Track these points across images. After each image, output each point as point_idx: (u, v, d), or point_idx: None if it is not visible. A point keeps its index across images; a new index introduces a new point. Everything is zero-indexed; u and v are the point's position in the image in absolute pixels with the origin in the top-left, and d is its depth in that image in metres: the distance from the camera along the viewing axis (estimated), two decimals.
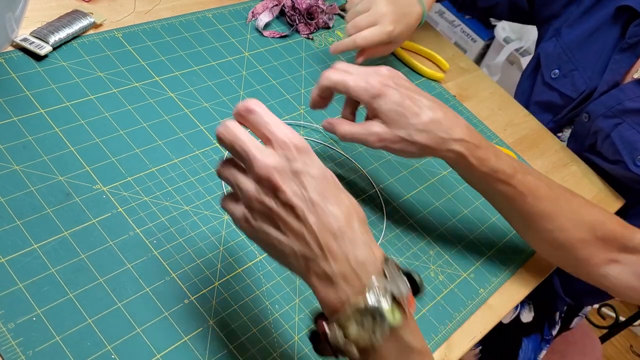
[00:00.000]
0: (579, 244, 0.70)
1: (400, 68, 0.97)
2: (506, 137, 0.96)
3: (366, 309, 0.42)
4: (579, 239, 0.70)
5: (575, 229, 0.70)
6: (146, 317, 0.54)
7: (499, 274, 0.74)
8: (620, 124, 0.94)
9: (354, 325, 0.42)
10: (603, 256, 0.70)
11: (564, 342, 1.14)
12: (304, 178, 0.44)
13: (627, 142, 0.93)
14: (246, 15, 0.89)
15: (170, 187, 0.64)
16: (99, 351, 0.50)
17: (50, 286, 0.52)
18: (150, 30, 0.79)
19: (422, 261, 0.71)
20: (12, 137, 0.60)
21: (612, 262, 0.71)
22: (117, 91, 0.70)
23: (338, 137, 0.67)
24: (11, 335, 0.48)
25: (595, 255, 0.70)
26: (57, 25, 0.70)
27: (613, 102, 0.95)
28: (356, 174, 0.77)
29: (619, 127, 0.94)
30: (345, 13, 1.00)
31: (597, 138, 0.97)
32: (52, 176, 0.59)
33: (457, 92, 1.00)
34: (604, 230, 0.70)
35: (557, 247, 0.71)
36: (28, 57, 0.68)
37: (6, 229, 0.54)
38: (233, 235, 0.64)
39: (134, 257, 0.57)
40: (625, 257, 0.71)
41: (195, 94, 0.75)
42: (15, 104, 0.63)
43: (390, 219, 0.74)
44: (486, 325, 0.69)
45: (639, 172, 0.91)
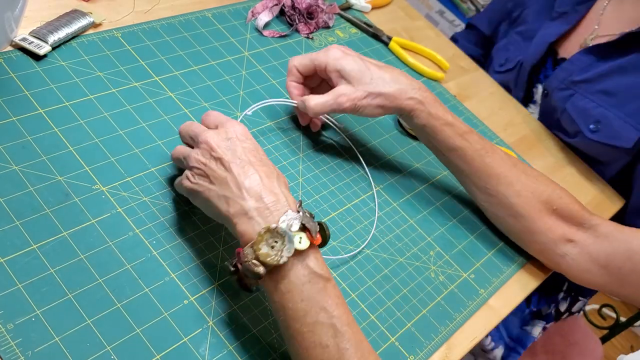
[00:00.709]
0: (536, 214, 0.71)
1: (400, 68, 0.97)
2: (506, 137, 0.96)
3: (276, 230, 0.50)
4: (535, 208, 0.71)
5: (532, 197, 0.71)
6: (146, 317, 0.54)
7: (500, 275, 0.74)
8: (573, 95, 0.97)
9: (264, 246, 0.50)
10: (560, 232, 0.71)
11: (565, 343, 1.13)
12: (236, 143, 0.55)
13: (580, 111, 0.96)
14: (246, 15, 0.89)
15: (169, 188, 0.64)
16: (99, 352, 0.50)
17: (49, 286, 0.52)
18: (149, 30, 0.79)
19: (422, 261, 0.71)
20: (11, 137, 0.60)
21: (570, 242, 0.71)
22: (116, 91, 0.70)
23: (309, 113, 0.71)
24: (10, 335, 0.48)
25: (552, 229, 0.71)
26: (56, 24, 0.70)
27: (565, 75, 0.98)
28: (356, 174, 0.77)
29: (572, 98, 0.97)
30: (345, 13, 1.00)
31: (557, 112, 0.99)
32: (51, 176, 0.59)
33: (457, 92, 0.99)
34: (561, 204, 0.72)
35: (514, 215, 0.72)
36: (27, 57, 0.68)
37: (5, 229, 0.54)
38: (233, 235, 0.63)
39: (133, 257, 0.57)
40: (583, 237, 0.71)
41: (194, 94, 0.75)
42: (14, 104, 0.63)
43: (390, 219, 0.74)
44: (487, 326, 0.69)
45: (595, 138, 0.94)
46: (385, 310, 0.65)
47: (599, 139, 0.93)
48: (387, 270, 0.68)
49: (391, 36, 1.00)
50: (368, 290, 0.66)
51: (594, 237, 0.71)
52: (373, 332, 0.62)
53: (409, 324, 0.65)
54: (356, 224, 0.71)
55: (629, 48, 0.90)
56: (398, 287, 0.67)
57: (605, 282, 0.70)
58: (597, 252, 0.70)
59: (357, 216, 0.72)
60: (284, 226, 0.51)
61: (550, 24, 1.01)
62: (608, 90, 0.93)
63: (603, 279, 0.70)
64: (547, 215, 0.72)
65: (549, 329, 1.12)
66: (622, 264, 0.68)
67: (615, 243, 0.69)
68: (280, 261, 0.50)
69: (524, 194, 0.72)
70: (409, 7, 1.12)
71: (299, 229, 0.51)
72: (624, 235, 0.70)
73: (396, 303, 0.66)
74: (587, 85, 0.95)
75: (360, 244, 0.69)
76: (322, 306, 0.50)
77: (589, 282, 0.72)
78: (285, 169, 0.72)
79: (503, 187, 0.72)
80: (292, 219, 0.51)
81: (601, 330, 1.39)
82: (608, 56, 0.93)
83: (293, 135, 0.77)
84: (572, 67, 0.97)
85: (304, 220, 0.52)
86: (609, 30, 0.95)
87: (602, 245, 0.70)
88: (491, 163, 0.72)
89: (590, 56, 0.95)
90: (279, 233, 0.50)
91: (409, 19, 1.09)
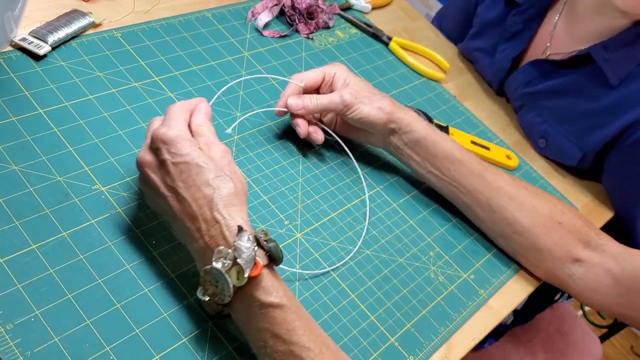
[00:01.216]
0: (540, 229, 0.70)
1: (400, 68, 0.97)
2: (506, 137, 0.96)
3: (211, 271, 0.50)
4: (539, 222, 0.70)
5: (535, 211, 0.70)
6: (145, 317, 0.54)
7: (500, 275, 0.74)
8: (522, 106, 0.98)
9: (210, 286, 0.51)
10: (566, 249, 0.70)
11: (564, 342, 1.13)
12: (167, 167, 0.53)
13: (528, 125, 0.97)
14: (246, 15, 0.89)
15: None
16: (98, 352, 0.50)
17: (48, 287, 0.52)
18: (149, 30, 0.79)
19: (422, 262, 0.71)
20: (11, 137, 0.60)
21: (577, 261, 0.70)
22: (116, 91, 0.70)
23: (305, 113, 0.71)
24: (9, 336, 0.48)
25: (559, 245, 0.70)
26: (56, 25, 0.70)
27: (514, 85, 0.98)
28: (356, 174, 0.77)
29: (521, 110, 0.98)
30: (345, 13, 1.00)
31: None
32: (51, 176, 0.59)
33: (457, 92, 0.99)
34: (565, 219, 0.71)
35: (519, 231, 0.71)
36: (27, 57, 0.68)
37: (5, 229, 0.54)
38: None
39: (133, 257, 0.57)
40: (590, 256, 0.70)
41: (195, 94, 0.75)
42: (14, 104, 0.63)
43: (390, 219, 0.74)
44: (486, 326, 0.69)
45: (544, 154, 0.95)
46: (385, 310, 0.65)
47: (548, 155, 0.95)
48: (387, 270, 0.68)
49: (391, 36, 1.00)
50: (368, 290, 0.66)
51: (601, 257, 0.69)
52: (373, 333, 0.62)
53: (408, 325, 0.65)
54: (356, 224, 0.71)
55: (574, 67, 0.89)
56: (398, 288, 0.67)
57: (612, 303, 0.69)
58: (604, 272, 0.69)
59: (357, 216, 0.72)
60: (217, 266, 0.50)
61: (504, 45, 0.99)
62: (551, 107, 0.93)
63: (611, 299, 0.69)
64: (553, 230, 0.70)
65: (548, 328, 1.12)
66: (631, 284, 0.67)
67: (623, 264, 0.68)
68: (225, 300, 0.50)
69: (526, 208, 0.71)
70: (409, 7, 1.12)
71: (232, 265, 0.49)
72: (632, 256, 0.69)
73: (396, 303, 0.66)
74: (533, 99, 0.95)
75: (360, 245, 0.69)
76: (277, 335, 0.50)
77: (596, 304, 0.71)
78: (285, 169, 0.73)
79: (504, 202, 0.71)
80: (224, 256, 0.50)
81: (600, 330, 1.39)
82: (553, 73, 0.92)
83: (293, 135, 0.77)
84: (520, 78, 0.97)
85: (236, 254, 0.49)
86: (560, 47, 0.93)
87: (610, 265, 0.69)
88: (490, 178, 0.71)
89: (537, 69, 0.94)
90: (214, 274, 0.50)
91: (409, 19, 1.09)
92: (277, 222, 0.67)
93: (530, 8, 0.96)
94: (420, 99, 0.93)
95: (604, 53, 0.85)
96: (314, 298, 0.62)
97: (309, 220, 0.69)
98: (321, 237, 0.68)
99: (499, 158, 0.89)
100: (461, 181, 0.72)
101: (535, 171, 0.92)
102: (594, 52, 0.86)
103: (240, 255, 0.49)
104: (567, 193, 0.91)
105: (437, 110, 0.93)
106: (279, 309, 0.50)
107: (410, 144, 0.73)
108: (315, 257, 0.66)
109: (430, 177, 0.74)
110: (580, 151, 0.89)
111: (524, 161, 0.92)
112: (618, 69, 0.84)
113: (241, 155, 0.71)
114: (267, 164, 0.72)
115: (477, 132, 0.93)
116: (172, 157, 0.53)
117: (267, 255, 0.51)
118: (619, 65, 0.84)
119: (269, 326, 0.50)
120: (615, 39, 0.85)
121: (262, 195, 0.68)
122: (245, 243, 0.50)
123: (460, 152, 0.72)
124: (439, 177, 0.73)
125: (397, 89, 0.93)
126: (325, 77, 0.74)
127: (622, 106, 0.84)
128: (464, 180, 0.72)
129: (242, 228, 0.51)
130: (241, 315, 0.52)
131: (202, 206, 0.52)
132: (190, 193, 0.52)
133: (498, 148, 0.91)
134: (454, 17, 1.15)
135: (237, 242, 0.50)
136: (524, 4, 0.96)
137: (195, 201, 0.52)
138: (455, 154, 0.72)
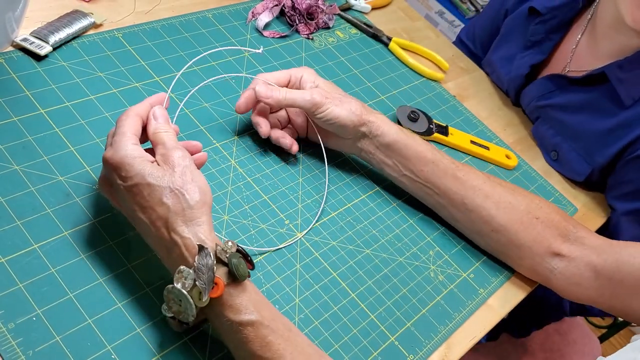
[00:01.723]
0: (518, 225, 0.70)
1: (400, 68, 0.97)
2: (506, 137, 0.96)
3: (173, 291, 0.50)
4: (516, 219, 0.70)
5: (512, 208, 0.70)
6: (146, 317, 0.54)
7: (499, 275, 0.74)
8: (537, 118, 0.98)
9: (174, 304, 0.50)
10: (546, 244, 0.70)
11: (563, 342, 1.14)
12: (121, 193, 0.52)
13: (541, 137, 0.97)
14: (246, 15, 0.89)
15: None
16: (99, 351, 0.50)
17: (50, 286, 0.52)
18: (150, 31, 0.79)
19: (422, 261, 0.71)
20: (12, 137, 0.60)
21: (557, 255, 0.70)
22: (117, 91, 0.70)
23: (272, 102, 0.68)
24: (11, 335, 0.49)
25: (537, 241, 0.70)
26: (57, 25, 0.70)
27: (530, 97, 0.98)
28: (356, 174, 0.77)
29: (536, 122, 0.98)
30: (345, 13, 1.00)
31: None
32: (52, 176, 0.59)
33: (457, 92, 1.00)
34: (542, 213, 0.71)
35: (496, 229, 0.71)
36: (28, 57, 0.68)
37: (6, 229, 0.54)
38: (233, 235, 0.64)
39: (133, 257, 0.57)
40: (570, 249, 0.70)
41: (195, 94, 0.75)
42: (15, 104, 0.63)
43: (390, 219, 0.74)
44: (486, 326, 0.69)
45: (555, 167, 0.95)
46: (385, 309, 0.65)
47: (559, 169, 0.95)
48: (387, 269, 0.69)
49: (391, 37, 1.00)
50: (368, 289, 0.66)
51: (582, 250, 0.70)
52: (373, 332, 0.62)
53: (408, 324, 0.65)
54: (356, 224, 0.71)
55: (590, 85, 0.89)
56: (398, 287, 0.67)
57: (595, 295, 0.69)
58: (585, 264, 0.69)
59: (357, 216, 0.72)
60: (178, 286, 0.49)
61: (524, 53, 0.99)
62: (564, 122, 0.93)
63: (593, 292, 0.69)
64: (531, 225, 0.70)
65: (547, 328, 1.13)
66: (612, 275, 0.67)
67: (604, 255, 0.68)
68: (189, 320, 0.50)
69: (502, 205, 0.70)
70: (408, 7, 1.12)
71: (193, 286, 0.49)
72: (612, 247, 0.69)
73: (396, 302, 0.66)
74: (548, 112, 0.95)
75: (360, 244, 0.69)
76: (252, 353, 0.50)
77: (578, 296, 0.71)
78: (285, 169, 0.73)
79: (480, 200, 0.70)
80: (184, 277, 0.49)
81: (599, 330, 1.39)
82: (569, 89, 0.92)
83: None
84: (536, 91, 0.97)
85: (195, 275, 0.48)
86: (580, 64, 0.93)
87: (591, 257, 0.69)
88: (464, 177, 0.71)
89: (554, 83, 0.94)
90: (176, 294, 0.50)
91: (408, 19, 1.10)
92: (277, 222, 0.67)
93: (552, 19, 0.95)
94: (420, 99, 0.93)
95: (619, 73, 0.85)
96: (314, 297, 0.63)
97: (309, 219, 0.69)
98: (322, 237, 0.68)
99: (499, 158, 0.89)
100: (435, 182, 0.72)
101: (535, 171, 0.92)
102: (609, 71, 0.85)
103: (199, 277, 0.48)
104: (566, 193, 0.91)
105: (437, 110, 0.93)
106: (250, 326, 0.49)
107: (381, 148, 0.72)
108: (315, 256, 0.66)
109: (404, 180, 0.73)
110: (590, 167, 0.90)
111: (523, 161, 0.93)
112: (632, 89, 0.84)
113: (241, 155, 0.71)
114: (267, 163, 0.72)
115: (476, 132, 0.93)
116: (124, 181, 0.51)
117: (230, 273, 0.49)
118: (633, 86, 0.84)
119: (243, 345, 0.50)
120: (630, 59, 0.85)
121: (263, 195, 0.69)
122: (206, 261, 0.48)
123: (432, 153, 0.71)
124: (413, 180, 0.72)
125: (397, 89, 0.93)
126: (292, 79, 0.72)
127: (632, 124, 0.84)
128: (437, 181, 0.71)
129: (202, 247, 0.49)
130: (216, 330, 0.53)
131: (159, 228, 0.50)
132: (147, 215, 0.51)
133: (497, 148, 0.91)
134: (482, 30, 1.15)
135: (197, 263, 0.49)
136: (547, 14, 0.96)
137: (152, 224, 0.51)
138: (428, 155, 0.71)
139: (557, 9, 0.95)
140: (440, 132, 0.87)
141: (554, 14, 0.95)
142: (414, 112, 0.86)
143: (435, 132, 0.86)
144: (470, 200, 0.71)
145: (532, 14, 0.98)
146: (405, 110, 0.86)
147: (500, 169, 0.89)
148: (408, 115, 0.85)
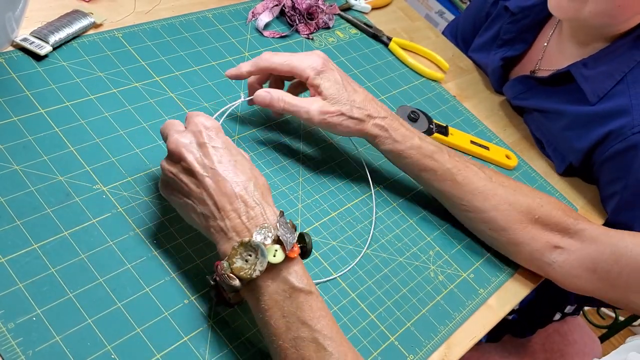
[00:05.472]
0: (516, 225, 0.71)
1: (400, 68, 0.97)
2: (506, 137, 0.96)
3: (250, 244, 0.50)
4: (515, 220, 0.71)
5: (511, 209, 0.71)
6: (146, 317, 0.54)
7: (499, 274, 0.74)
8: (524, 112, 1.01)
9: (239, 259, 0.50)
10: (544, 240, 0.71)
11: (563, 342, 1.14)
12: (207, 149, 0.54)
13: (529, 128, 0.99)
14: (246, 15, 0.89)
15: None
16: (99, 351, 0.50)
17: (50, 286, 0.52)
18: (150, 30, 0.79)
19: (422, 261, 0.71)
20: (12, 137, 0.60)
21: (556, 248, 0.71)
22: (117, 91, 0.70)
23: (274, 109, 0.69)
24: (11, 335, 0.49)
25: (535, 238, 0.71)
26: (57, 25, 0.70)
27: (508, 97, 1.01)
28: (356, 174, 0.77)
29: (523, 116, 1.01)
30: (345, 13, 1.00)
31: None
32: (52, 176, 0.59)
33: (456, 92, 1.00)
34: (542, 213, 0.71)
35: (495, 229, 0.72)
36: (28, 57, 0.68)
37: (6, 229, 0.54)
38: None
39: (134, 257, 0.57)
40: (569, 242, 0.71)
41: (195, 94, 0.75)
42: (15, 104, 0.63)
43: (390, 219, 0.74)
44: (486, 325, 0.69)
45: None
46: (384, 309, 0.65)
47: None
48: (387, 269, 0.69)
49: (391, 37, 1.00)
50: (368, 289, 0.66)
51: (580, 242, 0.70)
52: (373, 332, 0.62)
53: (408, 324, 0.65)
54: (356, 224, 0.71)
55: (557, 85, 0.90)
56: (397, 287, 0.67)
57: (594, 287, 0.70)
58: (584, 256, 0.69)
59: (357, 216, 0.72)
60: (257, 239, 0.51)
61: (496, 51, 1.01)
62: (539, 121, 0.95)
63: (592, 283, 0.69)
64: (530, 225, 0.71)
65: (547, 329, 1.13)
66: (610, 267, 0.67)
67: (601, 247, 0.69)
68: (254, 275, 0.50)
69: (501, 207, 0.71)
70: (408, 7, 1.12)
71: (273, 241, 0.51)
72: (610, 238, 0.69)
73: (396, 302, 0.66)
74: (523, 111, 0.98)
75: (359, 244, 0.69)
76: (303, 321, 0.50)
77: (578, 288, 0.71)
78: (285, 169, 0.73)
79: (479, 202, 0.71)
80: (267, 231, 0.51)
81: (600, 330, 1.39)
82: (538, 89, 0.94)
83: (293, 134, 0.77)
84: (511, 92, 0.99)
85: (279, 232, 0.51)
86: (551, 63, 0.95)
87: (589, 249, 0.69)
88: (464, 180, 0.71)
89: (523, 85, 0.96)
90: (252, 247, 0.50)
91: (408, 19, 1.10)
92: None
93: (524, 19, 0.97)
94: (420, 99, 0.93)
95: (584, 70, 0.86)
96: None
97: (309, 219, 0.69)
98: (322, 237, 0.68)
99: (499, 158, 0.89)
100: (434, 186, 0.72)
101: (535, 171, 0.92)
102: (574, 70, 0.87)
103: (284, 234, 0.51)
104: (566, 193, 0.91)
105: (437, 110, 0.93)
106: (308, 295, 0.51)
107: (385, 152, 0.72)
108: (315, 256, 0.66)
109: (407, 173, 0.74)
110: (563, 163, 0.92)
111: (523, 161, 0.93)
112: (597, 86, 0.85)
113: None
114: (267, 163, 0.72)
115: (476, 132, 0.93)
116: (213, 142, 0.54)
117: (300, 247, 0.53)
118: (597, 83, 0.85)
119: (296, 311, 0.50)
120: (594, 57, 0.86)
121: None
122: (285, 225, 0.52)
123: (429, 161, 0.71)
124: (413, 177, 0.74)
125: (397, 89, 0.93)
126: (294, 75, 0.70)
127: (598, 122, 0.85)
128: (438, 185, 0.72)
129: (283, 213, 0.53)
130: (264, 298, 0.51)
131: (242, 189, 0.53)
132: (230, 176, 0.53)
133: (497, 148, 0.91)
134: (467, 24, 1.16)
135: (279, 224, 0.52)
136: (519, 14, 0.97)
137: (235, 183, 0.53)
138: (427, 163, 0.71)
139: (530, 9, 0.97)
140: (440, 132, 0.87)
141: (526, 13, 0.97)
142: (414, 112, 0.86)
143: (435, 132, 0.86)
144: (469, 202, 0.71)
145: (507, 11, 1.00)
146: (405, 110, 0.86)
147: (500, 169, 0.89)
148: (408, 115, 0.85)
